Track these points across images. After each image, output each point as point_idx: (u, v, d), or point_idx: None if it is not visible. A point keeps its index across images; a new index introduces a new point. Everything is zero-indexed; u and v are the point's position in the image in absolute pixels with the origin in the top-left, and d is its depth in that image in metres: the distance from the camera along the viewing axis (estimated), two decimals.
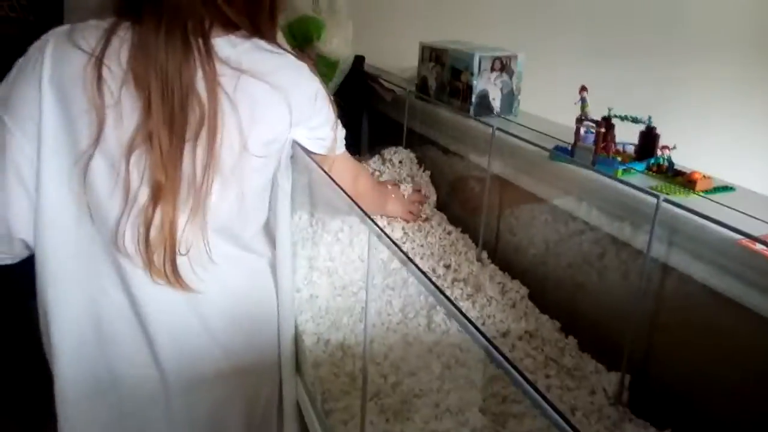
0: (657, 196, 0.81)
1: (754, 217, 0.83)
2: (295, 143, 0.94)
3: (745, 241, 0.74)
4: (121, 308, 0.89)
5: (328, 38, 1.43)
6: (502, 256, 1.23)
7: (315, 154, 0.95)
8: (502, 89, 1.37)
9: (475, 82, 1.33)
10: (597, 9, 1.72)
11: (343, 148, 1.03)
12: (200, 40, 0.81)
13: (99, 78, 0.79)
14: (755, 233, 0.74)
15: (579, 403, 0.88)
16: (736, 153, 1.23)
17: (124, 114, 0.80)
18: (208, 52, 0.81)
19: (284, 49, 0.90)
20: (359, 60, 1.70)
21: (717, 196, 0.90)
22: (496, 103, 1.37)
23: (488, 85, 1.35)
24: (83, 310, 0.89)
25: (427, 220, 1.37)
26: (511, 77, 1.37)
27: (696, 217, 0.80)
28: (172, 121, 0.80)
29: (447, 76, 1.42)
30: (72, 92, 0.80)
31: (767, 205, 0.88)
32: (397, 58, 1.77)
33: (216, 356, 0.96)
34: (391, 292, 1.10)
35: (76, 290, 0.88)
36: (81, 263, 0.88)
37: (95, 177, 0.82)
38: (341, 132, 1.00)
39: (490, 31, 1.61)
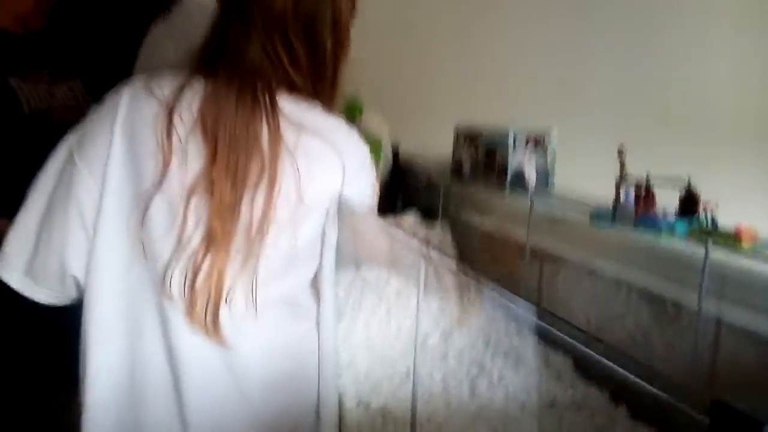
0: (706, 241, 0.80)
1: None
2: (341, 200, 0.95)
3: None
4: (156, 356, 0.88)
5: (369, 117, 1.49)
6: (544, 329, 1.19)
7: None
8: (536, 166, 1.39)
9: (510, 159, 1.36)
10: (625, 89, 1.76)
11: (374, 207, 1.05)
12: (267, 97, 0.87)
13: (169, 123, 0.84)
14: None
15: None
16: None
17: (190, 159, 0.84)
18: (274, 108, 0.87)
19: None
20: (394, 147, 1.75)
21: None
22: (531, 181, 1.39)
23: (523, 162, 1.38)
24: (121, 353, 0.89)
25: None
26: (545, 153, 1.39)
27: (746, 266, 0.78)
28: (236, 170, 0.83)
29: (482, 156, 1.45)
30: (142, 135, 0.85)
31: None
32: (431, 145, 1.82)
33: (246, 419, 0.92)
34: (431, 364, 1.07)
35: (118, 332, 0.88)
36: (126, 304, 0.88)
37: (153, 217, 0.85)
38: (376, 189, 1.03)
39: (522, 114, 1.66)
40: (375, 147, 1.54)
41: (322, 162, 0.89)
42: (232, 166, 0.83)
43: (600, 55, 1.89)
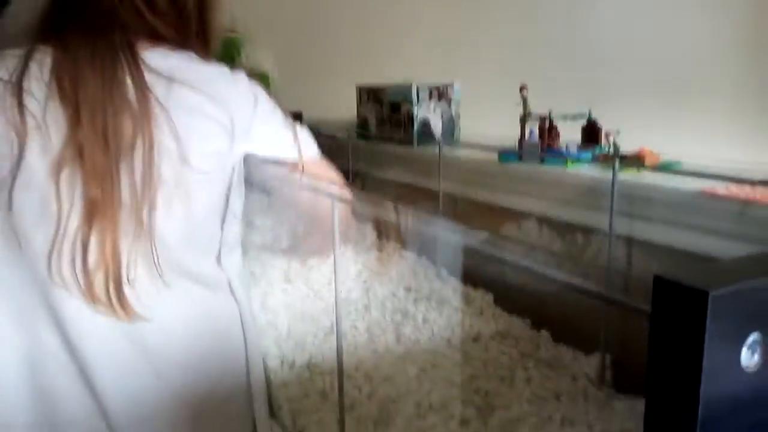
0: (613, 163, 0.82)
1: (708, 175, 0.84)
2: (254, 161, 0.89)
3: (709, 190, 0.75)
4: (57, 354, 0.80)
5: (249, 53, 1.42)
6: (464, 270, 1.20)
7: (280, 162, 0.91)
8: (442, 116, 1.39)
9: (415, 112, 1.35)
10: (520, 31, 1.80)
11: (316, 151, 0.97)
12: (127, 50, 0.79)
13: (19, 99, 0.75)
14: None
15: (563, 389, 0.84)
16: (679, 131, 1.28)
17: (52, 132, 0.75)
18: (136, 61, 0.79)
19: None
20: (296, 116, 1.70)
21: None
22: (437, 131, 1.39)
23: (428, 113, 1.37)
24: (17, 359, 0.80)
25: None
26: (449, 104, 1.40)
27: (653, 183, 0.81)
28: (105, 132, 0.75)
29: (386, 111, 1.43)
30: None
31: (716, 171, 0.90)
32: (334, 108, 1.79)
33: (168, 402, 0.85)
34: (355, 316, 1.06)
35: (5, 337, 0.80)
36: (8, 305, 0.79)
37: (20, 204, 0.76)
38: (303, 132, 0.95)
39: (422, 68, 1.65)
40: (262, 82, 1.47)
41: (203, 116, 0.81)
42: (100, 127, 0.75)
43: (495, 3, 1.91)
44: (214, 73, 0.85)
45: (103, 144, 0.75)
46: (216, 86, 0.83)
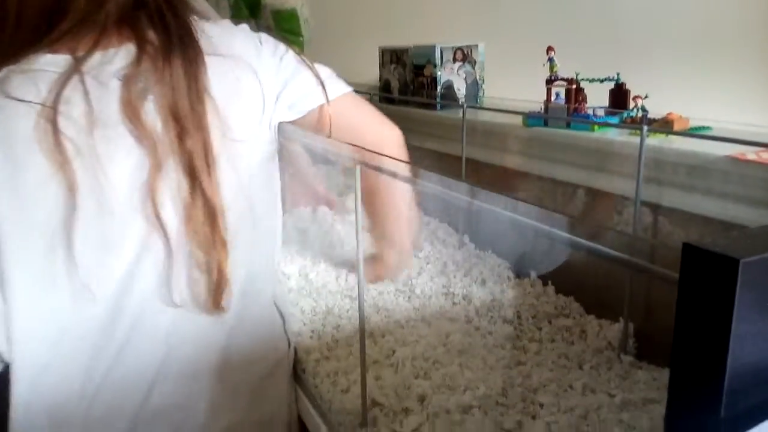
0: (641, 129, 0.79)
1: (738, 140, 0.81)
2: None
3: (738, 156, 0.73)
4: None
5: None
6: (485, 238, 1.19)
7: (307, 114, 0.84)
8: (466, 79, 1.37)
9: (439, 74, 1.33)
10: None
11: (347, 90, 0.88)
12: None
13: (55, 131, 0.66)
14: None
15: (587, 357, 0.83)
16: (709, 96, 1.25)
17: (118, 158, 0.69)
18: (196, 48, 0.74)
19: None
20: None
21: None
22: (461, 94, 1.37)
23: (452, 76, 1.35)
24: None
25: None
26: (473, 67, 1.37)
27: (681, 148, 0.79)
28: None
29: (409, 74, 1.41)
30: (20, 157, 0.67)
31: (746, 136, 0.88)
32: (356, 70, 1.77)
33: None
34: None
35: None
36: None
37: (81, 251, 0.69)
38: (326, 72, 0.86)
39: (447, 29, 1.63)
40: (293, 22, 1.40)
41: (234, 80, 0.76)
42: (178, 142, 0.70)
43: None
44: (222, 30, 0.79)
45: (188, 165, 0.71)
46: (230, 42, 0.78)
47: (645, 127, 0.80)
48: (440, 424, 0.69)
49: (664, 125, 0.92)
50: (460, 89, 1.36)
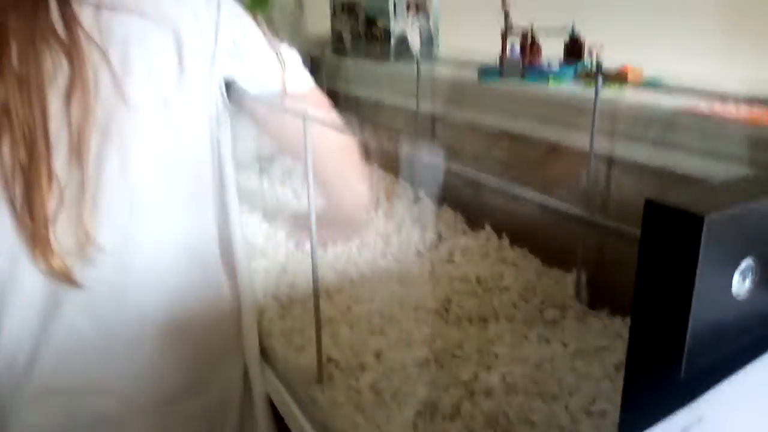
0: (596, 80, 0.79)
1: (692, 91, 0.82)
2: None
3: (691, 108, 0.73)
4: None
5: None
6: (444, 193, 1.19)
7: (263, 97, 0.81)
8: (420, 32, 1.34)
9: (392, 26, 1.30)
10: None
11: (310, 84, 0.87)
12: None
13: None
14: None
15: (542, 308, 0.85)
16: (663, 47, 1.25)
17: None
18: None
19: None
20: None
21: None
22: (415, 47, 1.34)
23: (406, 28, 1.32)
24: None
25: None
26: (428, 19, 1.34)
27: (635, 100, 0.78)
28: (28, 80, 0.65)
29: (362, 26, 1.38)
30: None
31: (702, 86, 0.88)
32: (308, 20, 1.72)
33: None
34: None
35: None
36: None
37: None
38: (291, 56, 0.84)
39: None
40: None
41: (143, 43, 0.70)
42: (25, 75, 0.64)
43: None
44: None
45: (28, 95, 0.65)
46: (157, 4, 0.71)
47: (599, 78, 0.80)
48: (397, 379, 0.69)
49: (619, 77, 0.92)
50: (414, 42, 1.33)
